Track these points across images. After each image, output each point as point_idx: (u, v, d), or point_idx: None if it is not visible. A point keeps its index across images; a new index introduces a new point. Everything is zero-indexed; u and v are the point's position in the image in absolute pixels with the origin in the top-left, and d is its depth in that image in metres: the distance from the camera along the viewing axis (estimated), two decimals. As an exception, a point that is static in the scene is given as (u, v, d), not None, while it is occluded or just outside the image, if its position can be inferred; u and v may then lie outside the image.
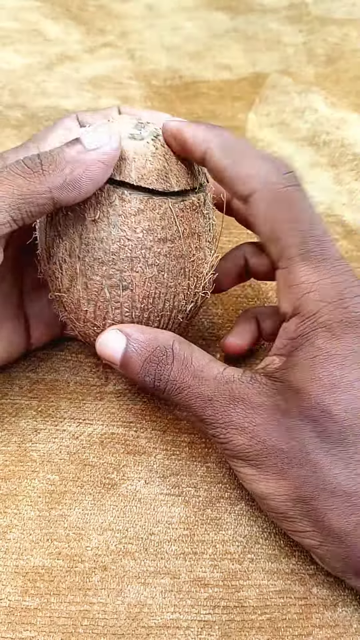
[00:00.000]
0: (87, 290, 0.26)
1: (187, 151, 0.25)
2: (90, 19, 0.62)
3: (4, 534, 0.27)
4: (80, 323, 0.27)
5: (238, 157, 0.24)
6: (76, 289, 0.26)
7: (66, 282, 0.26)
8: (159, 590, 0.26)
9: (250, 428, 0.24)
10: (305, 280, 0.24)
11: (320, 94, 0.54)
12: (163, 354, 0.25)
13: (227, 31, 0.61)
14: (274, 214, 0.24)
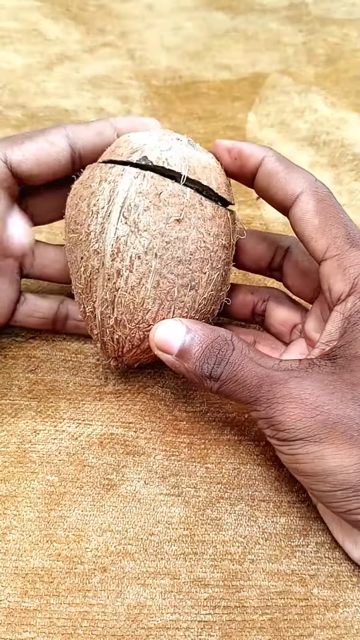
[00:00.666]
0: (157, 289, 0.26)
1: (244, 159, 0.28)
2: (90, 18, 0.62)
3: (4, 535, 0.27)
4: (129, 325, 0.27)
5: (288, 164, 0.28)
6: (145, 287, 0.26)
7: (133, 280, 0.26)
8: (159, 591, 0.26)
9: (312, 399, 0.23)
10: (358, 262, 0.26)
11: (320, 94, 0.54)
12: (224, 343, 0.25)
13: (227, 31, 0.61)
14: (322, 209, 0.27)
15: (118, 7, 0.64)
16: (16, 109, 0.50)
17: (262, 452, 0.30)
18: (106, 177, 0.27)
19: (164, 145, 0.27)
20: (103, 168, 0.27)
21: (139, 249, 0.26)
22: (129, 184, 0.26)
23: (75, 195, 0.28)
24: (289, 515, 0.28)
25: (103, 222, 0.26)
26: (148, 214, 0.26)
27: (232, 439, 0.31)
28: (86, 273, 0.27)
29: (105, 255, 0.26)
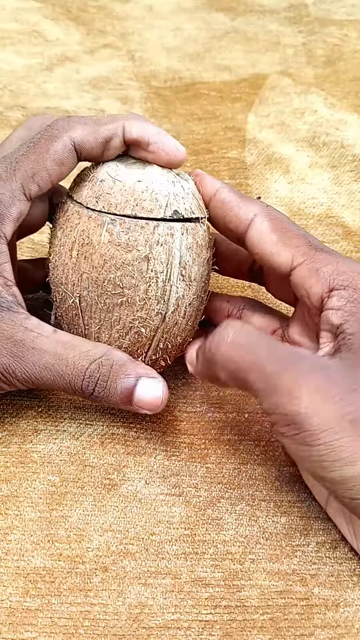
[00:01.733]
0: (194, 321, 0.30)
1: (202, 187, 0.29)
2: (90, 20, 0.62)
3: (5, 535, 0.27)
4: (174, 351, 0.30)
5: (242, 195, 0.29)
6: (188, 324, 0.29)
7: (183, 323, 0.29)
8: (160, 590, 0.26)
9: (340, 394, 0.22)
10: (331, 261, 0.27)
11: (319, 94, 0.54)
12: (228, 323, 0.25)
13: (227, 32, 0.61)
14: (277, 226, 0.28)
15: (118, 8, 0.64)
16: (16, 110, 0.51)
17: (263, 452, 0.30)
18: (157, 240, 0.27)
19: (178, 190, 0.28)
20: (145, 228, 0.27)
21: (191, 298, 0.28)
22: (179, 242, 0.27)
23: (101, 256, 0.27)
24: (290, 515, 0.28)
25: (164, 285, 0.27)
26: (195, 264, 0.28)
27: (232, 439, 0.31)
28: (141, 331, 0.28)
29: (167, 313, 0.28)
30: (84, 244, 0.27)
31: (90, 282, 0.27)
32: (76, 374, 0.26)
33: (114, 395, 0.27)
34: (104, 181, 0.27)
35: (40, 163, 0.27)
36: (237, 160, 0.47)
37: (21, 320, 0.27)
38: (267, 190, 0.45)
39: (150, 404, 0.27)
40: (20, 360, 0.26)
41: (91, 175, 0.28)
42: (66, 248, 0.28)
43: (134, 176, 0.27)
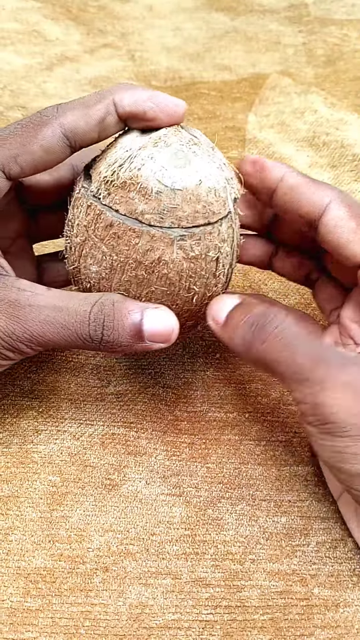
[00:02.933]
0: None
1: (265, 170, 0.28)
2: (90, 19, 0.62)
3: (6, 535, 0.27)
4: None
5: (311, 178, 0.28)
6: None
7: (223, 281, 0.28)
8: (161, 590, 0.26)
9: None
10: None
11: (320, 94, 0.54)
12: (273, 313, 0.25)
13: (227, 32, 0.61)
14: (356, 213, 0.27)
15: (118, 8, 0.64)
16: (16, 110, 0.51)
17: (263, 452, 0.30)
18: (223, 238, 0.26)
19: (227, 173, 0.26)
20: (213, 233, 0.26)
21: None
22: (236, 229, 0.27)
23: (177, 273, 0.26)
24: (290, 515, 0.28)
25: (229, 270, 0.28)
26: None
27: (232, 438, 0.31)
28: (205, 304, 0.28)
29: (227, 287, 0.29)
30: (153, 264, 0.25)
31: (164, 294, 0.26)
32: (80, 320, 0.25)
33: (123, 334, 0.25)
34: (161, 192, 0.25)
35: (26, 146, 0.26)
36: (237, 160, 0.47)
37: (12, 282, 0.26)
38: (267, 190, 0.45)
39: (162, 334, 0.26)
40: (18, 319, 0.25)
41: (135, 182, 0.25)
42: (125, 266, 0.26)
43: (188, 177, 0.25)
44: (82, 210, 0.26)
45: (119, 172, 0.25)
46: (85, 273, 0.27)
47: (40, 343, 0.26)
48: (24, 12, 0.62)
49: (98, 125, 0.26)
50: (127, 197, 0.25)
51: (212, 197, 0.25)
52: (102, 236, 0.26)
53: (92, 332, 0.25)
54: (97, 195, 0.26)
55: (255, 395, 0.33)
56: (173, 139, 0.26)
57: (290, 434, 0.31)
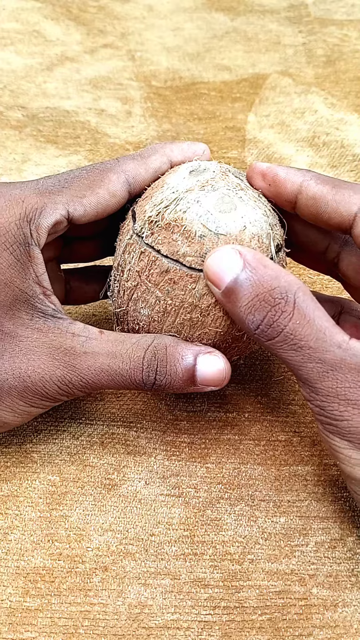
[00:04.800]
0: None
1: (279, 186, 0.26)
2: (90, 20, 0.62)
3: (5, 535, 0.27)
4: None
5: (333, 183, 0.26)
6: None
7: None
8: (160, 591, 0.26)
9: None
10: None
11: (320, 94, 0.54)
12: (282, 298, 0.23)
13: (227, 32, 0.61)
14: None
15: (118, 8, 0.64)
16: (16, 110, 0.51)
17: (263, 452, 0.30)
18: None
19: (272, 220, 0.26)
20: None
21: None
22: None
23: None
24: (289, 515, 0.28)
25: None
26: None
27: (232, 438, 0.31)
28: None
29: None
30: (209, 307, 0.25)
31: (217, 334, 0.26)
32: (134, 367, 0.25)
33: (176, 379, 0.25)
34: (205, 237, 0.25)
35: (92, 189, 0.27)
36: (237, 160, 0.47)
37: (67, 327, 0.26)
38: (267, 190, 0.45)
39: (215, 379, 0.25)
40: (74, 369, 0.25)
41: (179, 224, 0.25)
42: (179, 310, 0.26)
43: (233, 222, 0.25)
44: (134, 256, 0.26)
45: (164, 213, 0.25)
46: (135, 316, 0.27)
47: (94, 388, 0.26)
48: (24, 12, 0.62)
49: (154, 174, 0.28)
50: (170, 238, 0.25)
51: (255, 243, 0.25)
52: (156, 282, 0.26)
53: (146, 378, 0.25)
54: (140, 234, 0.26)
55: (255, 395, 0.33)
56: (220, 184, 0.26)
57: (290, 433, 0.31)
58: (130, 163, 0.28)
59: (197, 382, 0.25)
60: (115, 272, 0.28)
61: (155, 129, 0.49)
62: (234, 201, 0.25)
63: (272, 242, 0.26)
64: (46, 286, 0.26)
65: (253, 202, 0.26)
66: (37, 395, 0.26)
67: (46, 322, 0.26)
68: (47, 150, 0.47)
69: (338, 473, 0.30)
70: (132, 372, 0.25)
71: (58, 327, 0.26)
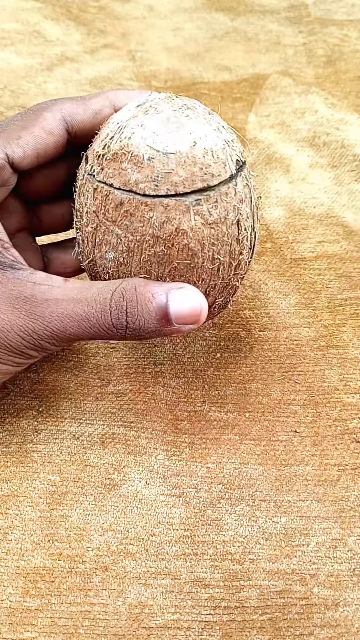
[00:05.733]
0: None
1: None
2: (90, 20, 0.62)
3: (5, 534, 0.27)
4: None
5: None
6: None
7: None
8: (160, 591, 0.26)
9: None
10: None
11: (320, 94, 0.54)
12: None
13: (227, 32, 0.61)
14: None
15: (119, 8, 0.64)
16: (17, 110, 0.51)
17: (263, 452, 0.30)
18: (240, 198, 0.25)
19: (225, 135, 0.25)
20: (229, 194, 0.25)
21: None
22: (251, 189, 0.26)
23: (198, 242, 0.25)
24: (290, 515, 0.28)
25: (251, 235, 0.26)
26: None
27: (232, 438, 0.31)
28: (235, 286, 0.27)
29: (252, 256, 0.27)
30: (172, 237, 0.24)
31: (187, 269, 0.25)
32: (101, 310, 0.24)
33: (149, 319, 0.24)
34: (153, 158, 0.23)
35: (27, 129, 0.27)
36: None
37: (27, 276, 0.25)
38: (268, 190, 0.45)
39: (191, 315, 0.24)
40: (36, 316, 0.24)
41: (125, 151, 0.24)
42: (142, 245, 0.24)
43: (181, 140, 0.24)
44: (88, 197, 0.25)
45: (109, 144, 0.25)
46: (102, 264, 0.26)
47: (62, 338, 0.25)
48: (24, 12, 0.62)
49: (95, 115, 0.27)
50: (120, 168, 0.24)
51: (209, 158, 0.24)
52: (114, 217, 0.24)
53: (115, 321, 0.24)
54: (91, 173, 0.25)
55: (256, 395, 0.32)
56: (164, 106, 0.25)
57: (291, 433, 0.31)
58: (68, 102, 0.28)
59: (172, 320, 0.24)
60: (76, 220, 0.27)
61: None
62: (181, 120, 0.24)
63: (230, 157, 0.25)
64: (2, 238, 0.26)
65: (202, 119, 0.25)
66: (1, 348, 0.25)
67: (4, 274, 0.25)
68: (48, 150, 0.47)
69: (339, 473, 0.30)
70: (100, 315, 0.24)
71: (17, 277, 0.25)
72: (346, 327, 0.36)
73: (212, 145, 0.24)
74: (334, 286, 0.38)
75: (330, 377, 0.33)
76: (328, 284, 0.38)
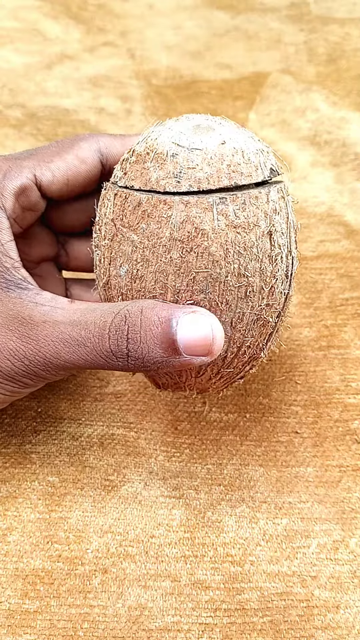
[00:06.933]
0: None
1: None
2: (90, 18, 0.61)
3: (4, 536, 0.27)
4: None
5: None
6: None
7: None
8: (160, 593, 0.26)
9: None
10: None
11: (321, 93, 0.53)
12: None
13: (227, 30, 0.61)
14: None
15: (118, 6, 0.63)
16: (16, 109, 0.50)
17: (264, 453, 0.30)
18: (274, 208, 0.22)
19: (260, 145, 0.23)
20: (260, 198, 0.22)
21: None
22: (289, 204, 0.24)
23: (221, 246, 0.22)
24: (290, 517, 0.28)
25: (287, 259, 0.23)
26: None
27: (233, 439, 0.31)
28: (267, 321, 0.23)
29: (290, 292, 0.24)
30: (190, 238, 0.21)
31: (209, 282, 0.21)
32: (99, 334, 0.21)
33: (152, 347, 0.21)
34: (177, 155, 0.22)
35: (60, 154, 0.26)
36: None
37: (31, 296, 0.23)
38: (268, 189, 0.45)
39: (201, 344, 0.21)
40: (29, 340, 0.22)
41: (150, 150, 0.22)
42: (158, 250, 0.22)
43: (210, 139, 0.22)
44: (108, 205, 0.23)
45: (135, 148, 0.23)
46: (116, 283, 0.23)
47: (57, 366, 0.22)
48: (23, 10, 0.62)
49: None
50: (142, 168, 0.22)
51: (239, 157, 0.22)
52: (131, 222, 0.22)
53: (114, 347, 0.21)
54: (114, 181, 0.24)
55: (256, 396, 0.32)
56: (197, 117, 0.23)
57: (292, 434, 0.31)
58: (106, 136, 0.27)
59: (180, 349, 0.21)
60: (95, 236, 0.25)
61: (155, 127, 0.49)
62: (212, 125, 0.23)
63: (263, 164, 0.22)
64: (12, 256, 0.24)
65: (235, 127, 0.23)
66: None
67: (8, 292, 0.23)
68: (47, 149, 0.47)
69: (340, 474, 0.29)
70: (97, 340, 0.21)
71: (19, 296, 0.23)
72: (347, 327, 0.35)
73: (243, 147, 0.22)
74: (335, 286, 0.38)
75: (332, 377, 0.33)
76: (329, 283, 0.38)
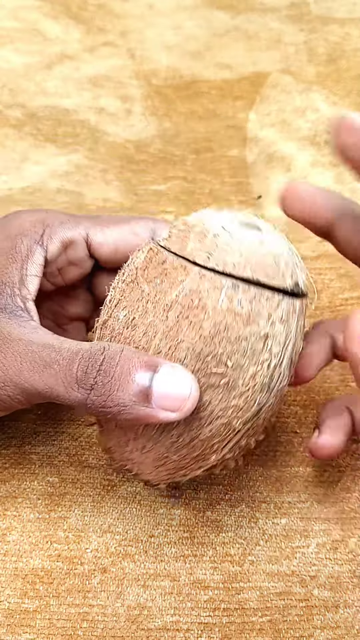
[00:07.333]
0: None
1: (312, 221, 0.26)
2: (90, 18, 0.61)
3: (4, 536, 0.27)
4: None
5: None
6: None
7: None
8: (159, 592, 0.26)
9: None
10: None
11: (321, 93, 0.53)
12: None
13: (227, 30, 0.61)
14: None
15: (118, 6, 0.63)
16: (16, 109, 0.50)
17: (263, 453, 0.30)
18: (280, 316, 0.22)
19: (298, 260, 0.24)
20: (270, 300, 0.22)
21: (284, 391, 0.24)
22: (297, 323, 0.23)
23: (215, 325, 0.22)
24: (290, 516, 0.28)
25: (273, 372, 0.23)
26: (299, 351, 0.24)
27: (232, 439, 0.31)
28: (231, 424, 0.23)
29: (264, 406, 0.23)
30: (191, 307, 0.22)
31: (189, 354, 0.22)
32: (69, 357, 0.21)
33: (124, 387, 0.21)
34: (219, 235, 0.23)
35: (116, 224, 0.27)
36: (238, 159, 0.47)
37: (19, 321, 0.23)
38: (269, 189, 0.45)
39: (175, 399, 0.21)
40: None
41: (196, 227, 0.24)
42: (159, 307, 0.22)
43: (253, 235, 0.23)
44: (140, 255, 0.24)
45: (187, 219, 0.25)
46: (111, 324, 0.24)
47: (19, 387, 0.22)
48: (23, 10, 0.62)
49: None
50: (184, 237, 0.24)
51: (270, 259, 0.23)
52: (150, 276, 0.23)
53: (81, 374, 0.21)
54: (157, 241, 0.25)
55: (255, 396, 0.32)
56: (251, 216, 0.25)
57: (291, 434, 0.31)
58: (162, 221, 0.28)
59: (151, 398, 0.21)
60: (116, 278, 0.25)
61: (155, 127, 0.49)
62: (261, 226, 0.24)
63: (292, 276, 0.23)
64: (30, 289, 0.24)
65: (280, 236, 0.25)
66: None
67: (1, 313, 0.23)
68: (47, 149, 0.47)
69: (339, 474, 0.29)
70: (66, 363, 0.21)
71: (9, 317, 0.23)
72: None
73: (278, 252, 0.23)
74: (335, 286, 0.38)
75: (331, 377, 0.33)
76: (329, 283, 0.38)
